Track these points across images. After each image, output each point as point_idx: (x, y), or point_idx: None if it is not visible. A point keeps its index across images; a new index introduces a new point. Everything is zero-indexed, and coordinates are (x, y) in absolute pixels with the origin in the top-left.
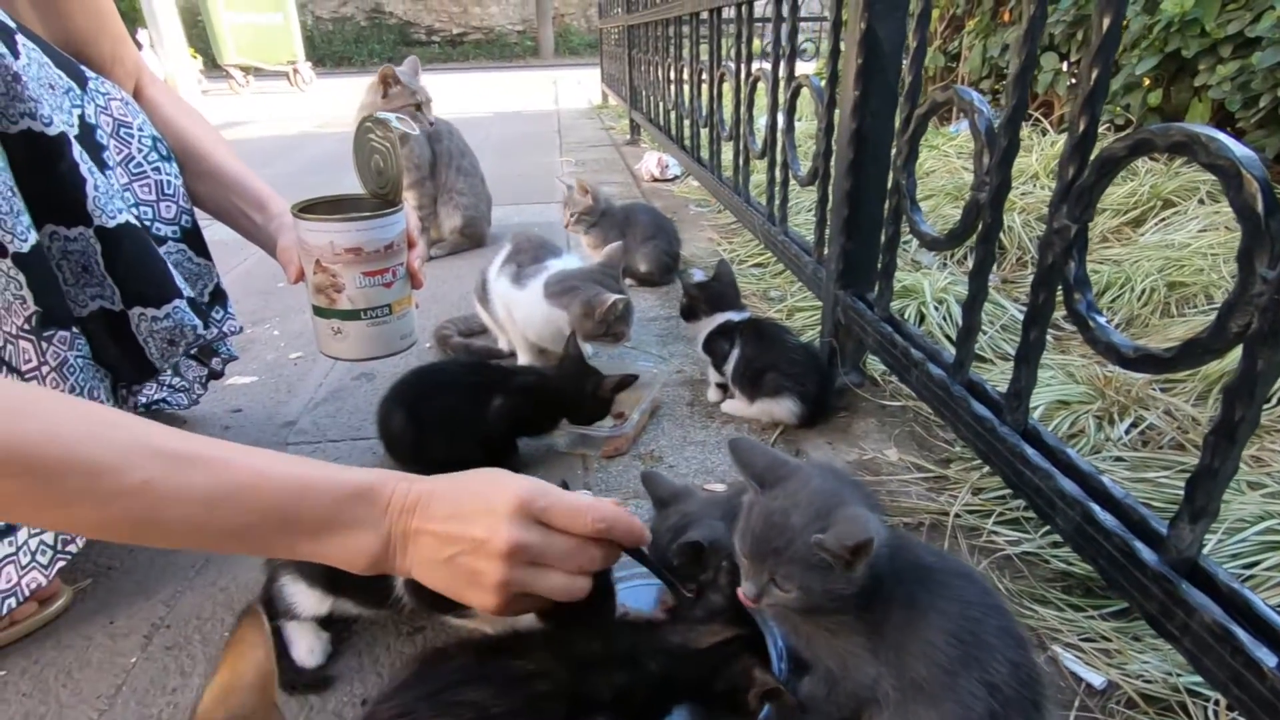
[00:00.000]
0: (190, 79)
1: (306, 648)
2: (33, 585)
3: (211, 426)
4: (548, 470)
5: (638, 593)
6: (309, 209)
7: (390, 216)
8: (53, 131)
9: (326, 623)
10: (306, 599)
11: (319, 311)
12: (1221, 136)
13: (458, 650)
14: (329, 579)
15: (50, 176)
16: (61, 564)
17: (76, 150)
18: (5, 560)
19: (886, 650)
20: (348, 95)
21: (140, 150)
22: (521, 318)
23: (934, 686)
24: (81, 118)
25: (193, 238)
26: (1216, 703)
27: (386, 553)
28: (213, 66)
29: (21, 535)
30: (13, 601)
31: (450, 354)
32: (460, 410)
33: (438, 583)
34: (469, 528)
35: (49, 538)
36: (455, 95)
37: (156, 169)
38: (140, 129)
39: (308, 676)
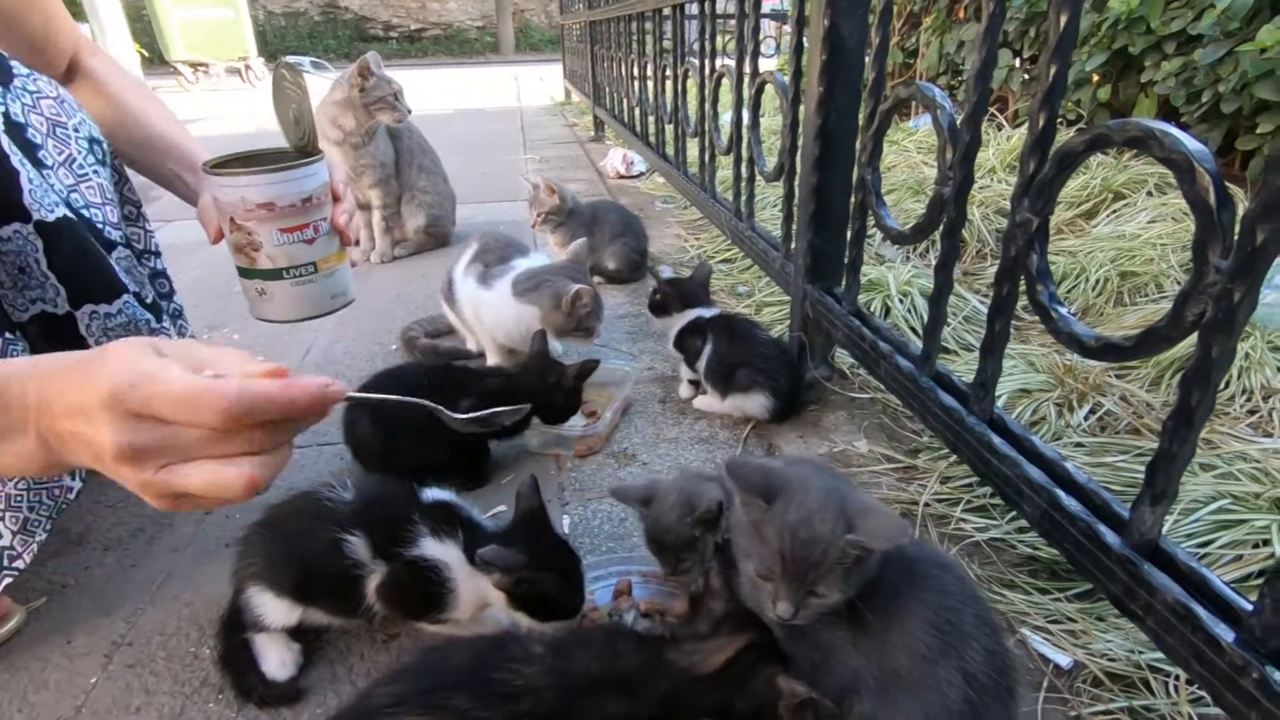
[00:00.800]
0: (134, 75)
1: (278, 660)
2: None
3: None
4: (520, 470)
5: (604, 594)
6: (223, 165)
7: (305, 168)
8: None
9: (298, 634)
10: (275, 609)
11: (242, 272)
12: (1175, 131)
13: (460, 649)
14: (297, 588)
15: None
16: (8, 580)
17: (5, 143)
18: None
19: (869, 640)
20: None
21: (79, 152)
22: (490, 318)
23: (914, 676)
24: (6, 115)
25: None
26: (1177, 678)
27: (51, 453)
28: (159, 63)
29: None
30: None
31: (417, 356)
32: (428, 414)
33: (117, 477)
34: (82, 428)
35: None
36: (415, 92)
37: (95, 171)
38: (76, 129)
39: (278, 690)
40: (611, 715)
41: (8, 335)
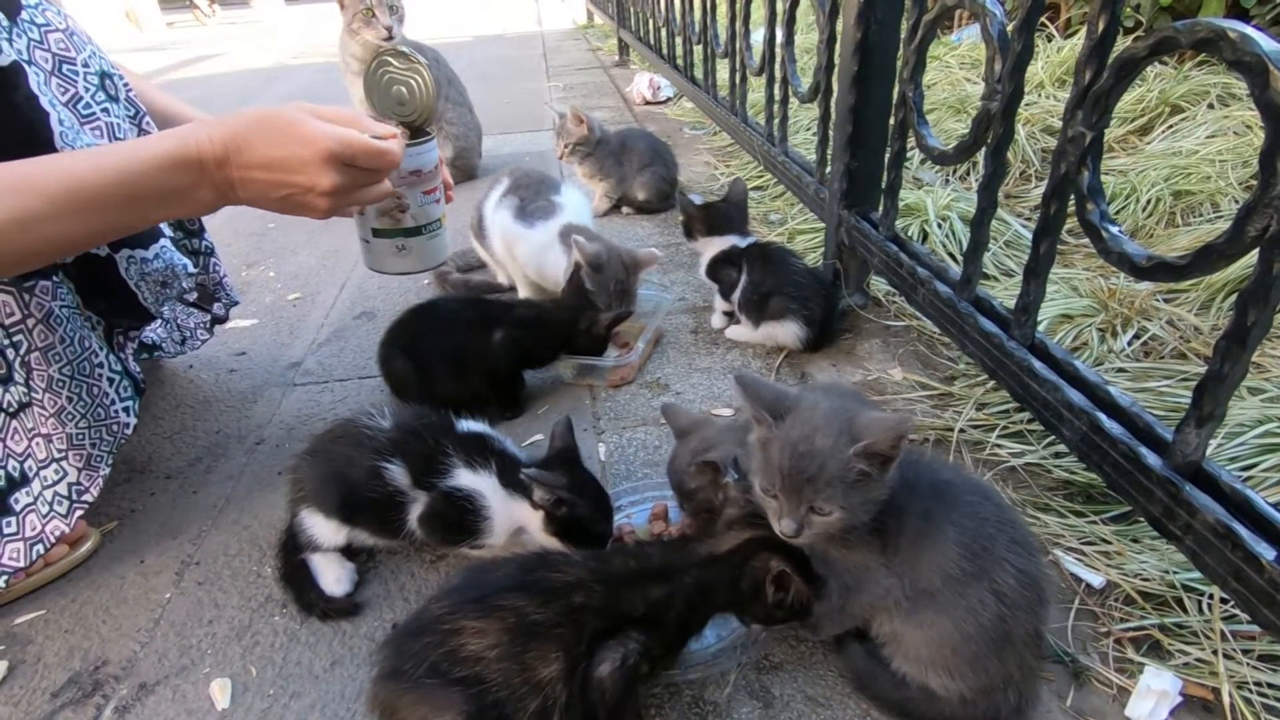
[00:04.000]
0: (152, 11)
1: (333, 577)
2: (56, 533)
3: (217, 369)
4: (555, 400)
5: (641, 516)
6: None
7: (434, 139)
8: (4, 61)
9: (351, 555)
10: (324, 529)
11: (382, 233)
12: (1249, 30)
13: (504, 563)
14: (342, 509)
15: (8, 111)
16: (80, 512)
17: (35, 81)
18: (26, 510)
19: (900, 562)
20: (319, 24)
21: (87, 89)
22: (524, 254)
23: (945, 596)
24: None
25: None
26: (1211, 597)
27: (222, 197)
28: None
29: (36, 486)
30: (40, 548)
31: (449, 290)
32: (462, 347)
33: (274, 209)
34: (293, 177)
35: (62, 488)
36: (432, 17)
37: (105, 109)
38: (85, 64)
39: (338, 604)
40: (653, 599)
41: (54, 277)
